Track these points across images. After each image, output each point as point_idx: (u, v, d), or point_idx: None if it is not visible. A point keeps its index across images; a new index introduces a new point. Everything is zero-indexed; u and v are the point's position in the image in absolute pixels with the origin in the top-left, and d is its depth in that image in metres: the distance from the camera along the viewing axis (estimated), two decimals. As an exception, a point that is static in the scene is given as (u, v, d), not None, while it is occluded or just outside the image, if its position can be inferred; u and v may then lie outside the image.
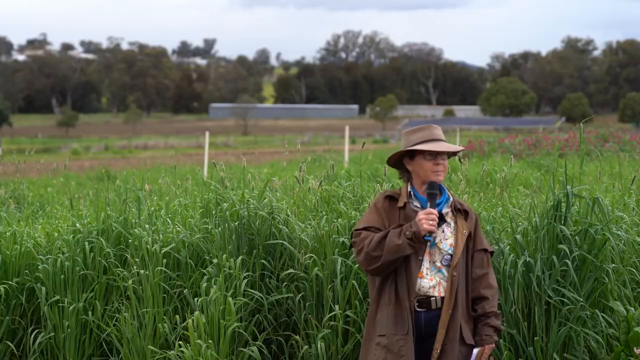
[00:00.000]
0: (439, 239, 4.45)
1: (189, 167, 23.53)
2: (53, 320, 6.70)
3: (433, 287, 4.42)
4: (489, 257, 4.56)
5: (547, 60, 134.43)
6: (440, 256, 4.45)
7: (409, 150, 4.50)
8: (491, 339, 4.39)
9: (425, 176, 4.47)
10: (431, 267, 4.44)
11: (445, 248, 4.45)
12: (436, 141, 4.50)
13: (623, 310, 5.85)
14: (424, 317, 4.42)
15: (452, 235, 4.47)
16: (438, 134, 4.54)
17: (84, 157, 48.07)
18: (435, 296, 4.41)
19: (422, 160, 4.48)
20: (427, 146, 4.45)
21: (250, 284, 6.38)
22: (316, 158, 23.29)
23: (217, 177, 7.36)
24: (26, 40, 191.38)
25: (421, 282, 4.42)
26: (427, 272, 4.44)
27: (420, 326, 4.42)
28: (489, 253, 4.56)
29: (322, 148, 39.22)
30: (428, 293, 4.41)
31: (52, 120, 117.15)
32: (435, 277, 4.43)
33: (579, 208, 6.20)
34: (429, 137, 4.50)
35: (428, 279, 4.43)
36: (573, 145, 25.91)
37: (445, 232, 4.47)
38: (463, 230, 4.46)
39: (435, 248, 4.45)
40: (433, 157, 4.47)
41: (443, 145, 4.47)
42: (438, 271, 4.44)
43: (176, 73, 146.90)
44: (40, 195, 13.34)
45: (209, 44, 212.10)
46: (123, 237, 6.98)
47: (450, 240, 4.46)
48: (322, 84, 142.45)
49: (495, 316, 4.46)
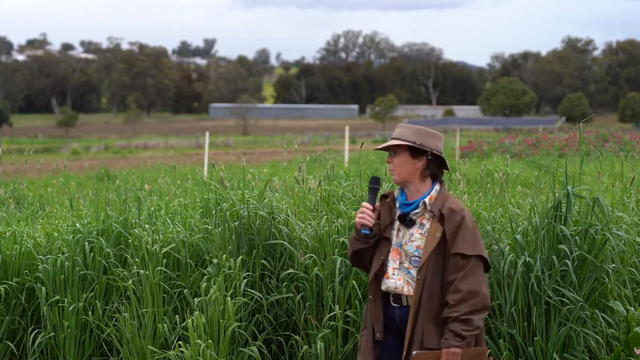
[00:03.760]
0: (405, 241, 4.43)
1: (189, 167, 23.53)
2: (53, 320, 6.70)
3: (401, 287, 4.41)
4: (471, 262, 4.29)
5: (547, 60, 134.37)
6: (408, 258, 4.41)
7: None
8: (447, 342, 4.23)
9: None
10: (400, 267, 4.44)
11: (411, 250, 4.40)
12: (391, 139, 4.51)
13: (623, 310, 5.85)
14: (397, 312, 4.45)
15: (422, 237, 4.39)
16: (395, 131, 4.51)
17: (83, 157, 48.05)
18: (405, 294, 4.41)
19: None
20: (380, 145, 4.53)
21: (250, 284, 6.38)
22: (316, 158, 23.29)
23: (217, 177, 7.36)
24: (26, 40, 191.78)
25: (387, 283, 4.45)
26: (395, 272, 4.44)
27: (396, 320, 4.46)
28: (474, 257, 4.30)
29: (322, 148, 39.19)
30: (396, 291, 4.43)
31: (52, 120, 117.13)
32: (405, 277, 4.42)
33: (579, 208, 6.20)
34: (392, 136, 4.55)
35: (396, 279, 4.43)
36: (573, 145, 25.91)
37: (414, 234, 4.41)
38: (435, 233, 4.35)
39: (402, 249, 4.43)
40: (389, 155, 4.51)
41: (390, 142, 4.47)
42: (407, 272, 4.42)
43: (176, 73, 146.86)
44: (40, 195, 13.33)
45: (209, 44, 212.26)
46: (123, 237, 6.98)
47: (417, 242, 4.39)
48: (322, 84, 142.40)
49: (459, 321, 4.23)
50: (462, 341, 4.24)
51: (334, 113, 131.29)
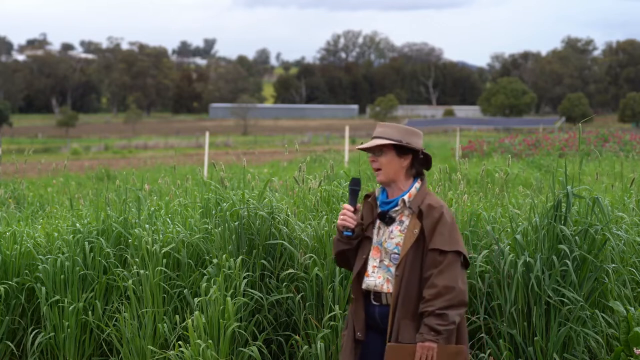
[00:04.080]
0: (384, 238, 4.46)
1: (189, 167, 23.53)
2: (53, 320, 6.70)
3: (381, 285, 4.44)
4: (448, 257, 4.31)
5: (547, 60, 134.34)
6: (388, 255, 4.44)
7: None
8: (422, 337, 4.26)
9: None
10: (380, 265, 4.47)
11: (390, 247, 4.43)
12: (372, 139, 4.51)
13: (623, 310, 5.85)
14: (377, 310, 4.47)
15: (401, 234, 4.42)
16: (376, 131, 4.52)
17: (84, 157, 48.05)
18: (385, 292, 4.44)
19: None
20: (360, 145, 4.54)
21: (250, 284, 6.38)
22: (316, 158, 23.31)
23: (217, 177, 7.36)
24: (26, 40, 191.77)
25: (367, 281, 4.48)
26: (375, 270, 4.46)
27: (376, 319, 4.48)
28: (451, 253, 4.32)
29: (322, 148, 39.19)
30: (376, 289, 4.45)
31: (52, 120, 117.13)
32: (384, 275, 4.44)
33: (579, 208, 6.20)
34: (372, 135, 4.54)
35: (375, 277, 4.45)
36: (573, 145, 25.92)
37: (393, 231, 4.44)
38: (414, 229, 4.38)
39: (382, 247, 4.46)
40: (370, 155, 4.51)
41: (368, 142, 4.48)
42: (387, 270, 4.44)
43: (176, 73, 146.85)
44: (40, 195, 13.33)
45: (209, 44, 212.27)
46: (123, 237, 6.98)
47: (397, 239, 4.42)
48: (322, 84, 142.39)
49: (434, 316, 4.25)
50: (437, 336, 4.26)
51: (334, 113, 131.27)
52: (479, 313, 6.01)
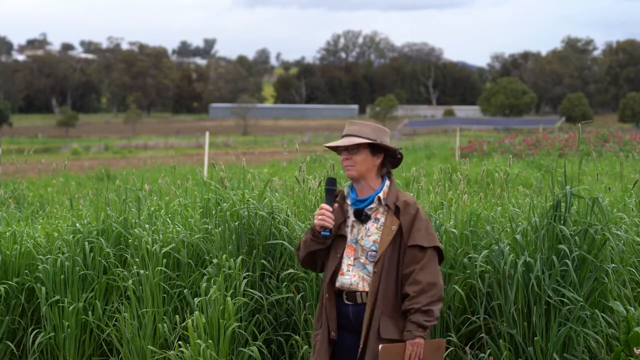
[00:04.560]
0: (361, 236, 4.47)
1: (189, 167, 23.53)
2: (53, 320, 6.70)
3: (356, 283, 4.44)
4: (427, 254, 4.38)
5: (547, 60, 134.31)
6: (364, 253, 4.45)
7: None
8: (411, 334, 4.30)
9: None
10: (355, 263, 4.47)
11: (368, 245, 4.45)
12: (345, 137, 4.53)
13: (623, 310, 5.85)
14: (351, 310, 4.47)
15: (378, 231, 4.44)
16: (349, 129, 4.54)
17: (84, 157, 48.04)
18: (360, 291, 4.44)
19: (340, 157, 4.56)
20: (330, 143, 4.54)
21: (250, 284, 6.38)
22: (316, 158, 23.30)
23: (217, 177, 7.36)
24: (26, 40, 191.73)
25: (342, 279, 4.48)
26: (350, 268, 4.47)
27: (350, 318, 4.48)
28: (430, 249, 4.39)
29: (322, 148, 39.18)
30: (351, 288, 4.45)
31: (52, 120, 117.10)
32: (360, 273, 4.45)
33: (579, 208, 6.20)
34: (343, 133, 4.55)
35: (350, 275, 4.46)
36: (573, 145, 25.92)
37: (370, 229, 4.46)
38: (391, 226, 4.41)
39: (358, 245, 4.46)
40: (342, 152, 4.52)
41: (342, 140, 4.49)
42: (363, 267, 4.45)
43: (176, 73, 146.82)
44: (40, 195, 13.33)
45: (209, 44, 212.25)
46: (123, 237, 6.98)
47: (374, 236, 4.44)
48: (322, 84, 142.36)
49: (421, 312, 4.31)
50: (425, 331, 4.33)
51: (334, 113, 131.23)
52: (479, 313, 6.02)
